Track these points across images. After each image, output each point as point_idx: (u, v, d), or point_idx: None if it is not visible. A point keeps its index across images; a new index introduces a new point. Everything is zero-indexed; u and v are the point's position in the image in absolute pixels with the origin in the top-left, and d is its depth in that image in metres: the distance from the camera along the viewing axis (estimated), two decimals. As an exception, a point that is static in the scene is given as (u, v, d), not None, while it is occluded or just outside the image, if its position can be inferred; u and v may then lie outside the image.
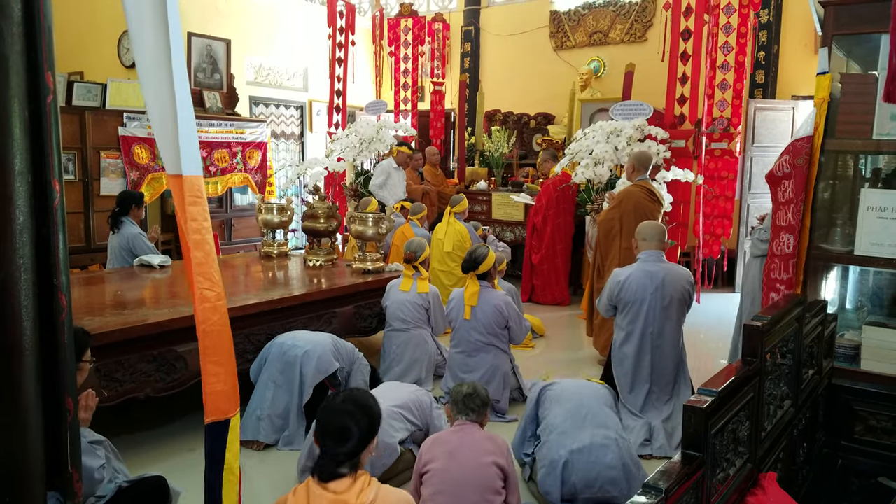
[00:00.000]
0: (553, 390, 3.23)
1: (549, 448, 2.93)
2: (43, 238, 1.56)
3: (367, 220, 4.97)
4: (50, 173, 1.57)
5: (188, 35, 7.60)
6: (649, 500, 1.30)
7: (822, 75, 3.21)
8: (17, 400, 1.40)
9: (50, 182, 1.57)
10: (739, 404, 1.82)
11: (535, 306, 6.75)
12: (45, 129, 1.55)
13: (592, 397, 3.14)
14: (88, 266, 6.25)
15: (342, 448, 1.97)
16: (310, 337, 3.73)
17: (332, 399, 2.14)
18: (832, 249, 3.33)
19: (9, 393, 1.38)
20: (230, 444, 2.02)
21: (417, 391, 3.44)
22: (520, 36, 9.59)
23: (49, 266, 1.58)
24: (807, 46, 7.60)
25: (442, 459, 2.57)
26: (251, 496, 3.08)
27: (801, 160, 3.26)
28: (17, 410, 1.40)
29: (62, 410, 1.66)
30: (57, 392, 1.64)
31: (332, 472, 1.95)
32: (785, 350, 2.37)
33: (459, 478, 2.51)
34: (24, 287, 1.39)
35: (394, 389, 3.41)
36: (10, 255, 1.35)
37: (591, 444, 2.83)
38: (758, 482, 1.91)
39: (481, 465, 2.54)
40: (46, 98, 1.55)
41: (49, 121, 1.56)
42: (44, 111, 1.55)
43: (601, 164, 6.03)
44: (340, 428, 1.99)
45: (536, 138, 9.02)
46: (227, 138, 7.82)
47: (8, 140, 1.35)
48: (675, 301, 3.68)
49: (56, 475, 1.69)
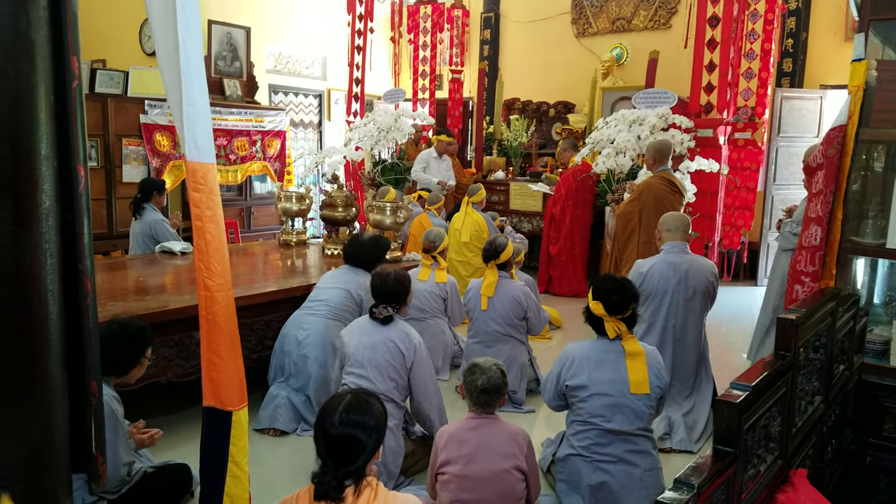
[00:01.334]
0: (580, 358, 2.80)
1: (571, 468, 2.76)
2: (68, 223, 1.56)
3: (385, 209, 4.95)
4: (75, 158, 1.56)
5: (208, 22, 7.61)
6: (681, 496, 1.26)
7: (858, 62, 3.12)
8: (44, 384, 1.40)
9: (75, 167, 1.57)
10: (772, 399, 1.78)
11: (551, 297, 6.71)
12: (71, 114, 1.55)
13: (625, 394, 2.71)
14: (111, 252, 6.29)
15: (348, 466, 1.77)
16: (314, 338, 3.62)
17: (330, 410, 1.85)
18: (863, 242, 3.26)
19: (35, 377, 1.38)
20: (235, 438, 1.97)
21: (391, 351, 3.00)
22: (540, 22, 9.48)
23: (74, 251, 1.58)
24: (836, 34, 7.44)
25: (459, 464, 2.44)
26: (266, 480, 3.09)
27: (832, 150, 3.18)
28: (43, 394, 1.40)
29: (87, 394, 1.67)
30: (82, 376, 1.64)
31: (334, 490, 1.75)
32: (817, 345, 2.31)
33: (477, 486, 2.40)
34: (50, 271, 1.39)
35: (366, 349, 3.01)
36: (36, 240, 1.35)
37: (613, 479, 2.68)
38: (788, 479, 1.87)
39: (501, 473, 2.42)
40: (72, 83, 1.55)
41: (74, 106, 1.55)
42: (69, 96, 1.55)
43: (623, 154, 5.95)
44: (343, 445, 1.79)
45: (556, 127, 8.93)
46: (246, 126, 7.83)
47: (35, 125, 1.35)
48: (699, 294, 3.61)
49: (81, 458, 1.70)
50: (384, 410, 1.93)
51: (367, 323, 3.13)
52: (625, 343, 2.73)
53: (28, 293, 1.35)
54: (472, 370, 2.55)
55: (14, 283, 1.32)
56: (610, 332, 2.73)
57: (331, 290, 3.76)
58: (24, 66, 1.32)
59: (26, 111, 1.33)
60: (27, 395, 1.38)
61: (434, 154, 7.45)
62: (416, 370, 3.01)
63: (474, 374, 2.52)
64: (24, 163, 1.32)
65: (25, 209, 1.32)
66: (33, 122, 1.34)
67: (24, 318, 1.35)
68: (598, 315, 2.74)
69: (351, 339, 3.09)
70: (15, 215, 1.30)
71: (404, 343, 3.01)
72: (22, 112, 1.32)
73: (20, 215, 1.31)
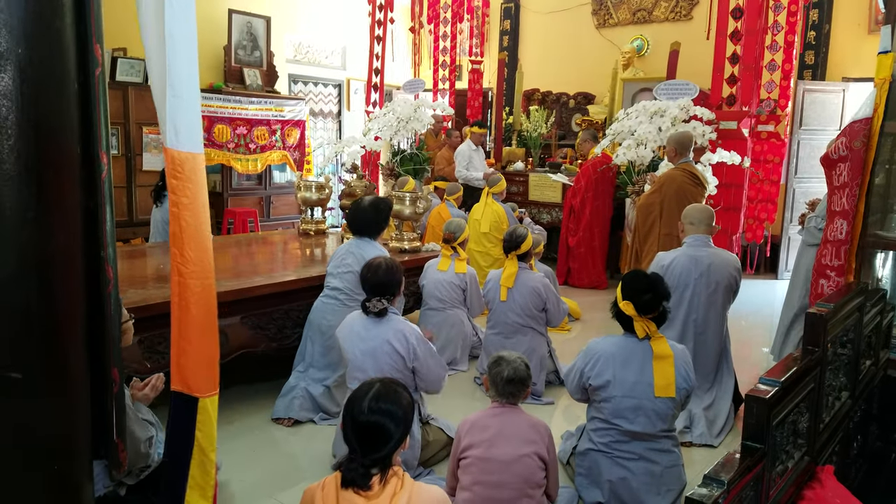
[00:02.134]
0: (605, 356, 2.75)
1: (591, 462, 2.76)
2: (90, 211, 1.56)
3: (404, 200, 4.93)
4: (98, 146, 1.56)
5: (228, 11, 7.62)
6: (710, 492, 1.24)
7: (884, 54, 3.07)
8: (66, 370, 1.41)
9: (98, 155, 1.57)
10: (801, 395, 1.74)
11: (570, 289, 6.67)
12: (94, 101, 1.54)
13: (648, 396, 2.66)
14: (131, 240, 6.35)
15: (375, 454, 1.79)
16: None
17: (359, 396, 1.89)
18: (888, 236, 3.20)
19: (58, 363, 1.39)
20: (201, 424, 1.97)
21: (391, 355, 2.94)
22: (561, 13, 9.40)
23: (96, 238, 1.58)
24: (860, 26, 7.29)
25: (482, 448, 2.46)
26: (282, 468, 3.11)
27: (858, 143, 3.12)
28: (65, 380, 1.41)
29: (108, 381, 1.67)
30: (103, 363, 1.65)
31: (361, 477, 1.77)
32: (845, 340, 2.27)
33: (499, 469, 2.42)
34: (73, 259, 1.39)
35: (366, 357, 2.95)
36: (59, 227, 1.35)
37: (633, 475, 2.67)
38: (815, 475, 1.84)
39: (522, 457, 2.43)
40: (95, 70, 1.54)
41: (97, 93, 1.55)
42: (92, 84, 1.54)
43: (643, 146, 5.89)
44: (372, 432, 1.81)
45: (576, 118, 8.86)
46: (266, 116, 7.85)
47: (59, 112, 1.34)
48: (721, 288, 3.56)
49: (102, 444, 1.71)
50: (412, 401, 1.95)
51: (361, 322, 3.00)
52: (653, 343, 2.67)
53: (50, 280, 1.36)
54: (497, 362, 2.57)
55: (37, 270, 1.32)
56: (640, 332, 2.67)
57: (343, 275, 3.70)
58: (48, 54, 1.32)
59: (50, 98, 1.33)
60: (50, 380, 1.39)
61: (473, 146, 7.56)
62: (419, 370, 2.95)
63: (500, 365, 2.54)
64: (48, 149, 1.33)
65: (49, 196, 1.32)
66: (57, 109, 1.34)
67: (46, 304, 1.36)
68: (628, 314, 2.69)
69: (348, 346, 3.00)
70: (38, 201, 1.30)
71: (401, 344, 2.91)
72: (46, 99, 1.32)
73: (43, 202, 1.31)
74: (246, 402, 3.75)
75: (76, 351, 1.42)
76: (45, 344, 1.36)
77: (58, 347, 1.38)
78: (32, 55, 1.28)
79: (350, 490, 1.76)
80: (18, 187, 1.27)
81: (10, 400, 1.31)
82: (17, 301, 1.30)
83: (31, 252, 1.31)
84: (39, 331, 1.35)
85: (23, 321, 1.32)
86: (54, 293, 1.36)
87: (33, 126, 1.29)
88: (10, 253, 1.28)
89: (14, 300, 1.30)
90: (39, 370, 1.35)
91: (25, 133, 1.27)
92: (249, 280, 3.69)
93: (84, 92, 1.49)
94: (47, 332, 1.36)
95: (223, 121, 7.39)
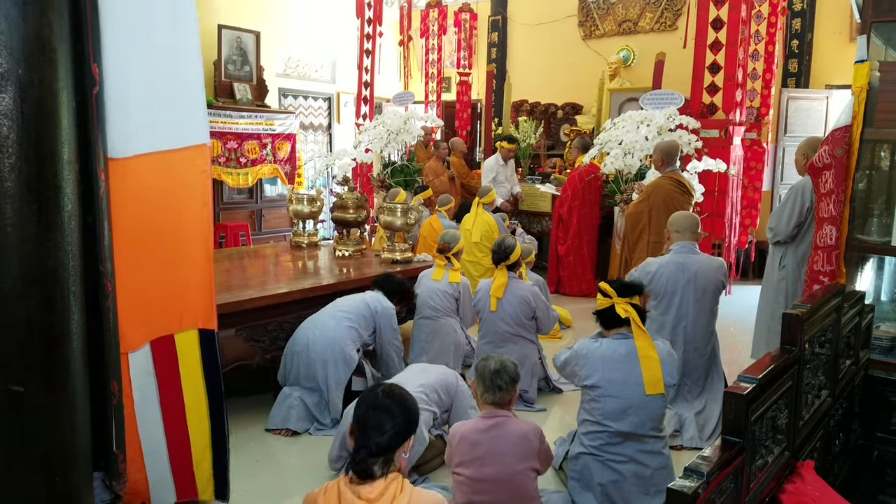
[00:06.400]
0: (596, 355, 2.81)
1: (583, 466, 2.80)
2: (89, 226, 1.60)
3: (395, 211, 4.99)
4: (96, 163, 1.61)
5: (218, 27, 7.68)
6: (691, 483, 1.30)
7: (861, 63, 3.15)
8: (66, 383, 1.44)
9: (96, 172, 1.61)
10: (778, 392, 1.80)
11: (561, 297, 6.73)
12: (91, 120, 1.59)
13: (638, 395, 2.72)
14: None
15: (379, 438, 1.87)
16: (325, 341, 3.64)
17: (370, 393, 2.03)
18: (869, 240, 3.28)
19: (58, 376, 1.43)
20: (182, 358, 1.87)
21: (445, 373, 3.39)
22: (548, 25, 9.52)
23: (95, 253, 1.63)
24: (841, 35, 7.44)
25: (472, 468, 2.46)
26: (278, 479, 3.14)
27: (839, 150, 3.21)
28: (66, 393, 1.44)
29: (108, 393, 1.71)
30: (103, 376, 1.68)
31: (365, 466, 1.83)
32: (823, 340, 2.34)
33: (491, 489, 2.43)
34: (72, 273, 1.43)
35: (420, 372, 3.37)
36: (58, 242, 1.39)
37: (623, 478, 2.72)
38: (795, 470, 1.89)
39: (515, 475, 2.46)
40: (92, 90, 1.59)
41: (95, 112, 1.60)
42: (90, 102, 1.59)
43: (631, 154, 5.97)
44: (378, 421, 1.92)
45: (564, 128, 8.96)
46: (256, 130, 7.90)
47: (57, 130, 1.39)
48: (709, 294, 3.63)
49: (102, 456, 1.75)
50: (417, 409, 2.05)
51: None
52: (637, 341, 2.75)
53: (51, 294, 1.39)
54: (485, 359, 2.64)
55: (38, 284, 1.36)
56: (620, 312, 2.76)
57: (349, 300, 3.88)
58: (47, 74, 1.35)
59: (49, 117, 1.37)
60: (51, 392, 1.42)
61: (501, 161, 7.55)
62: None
63: (487, 360, 2.61)
64: (48, 167, 1.36)
65: (49, 213, 1.36)
66: (56, 127, 1.38)
67: (47, 317, 1.39)
68: (608, 295, 2.79)
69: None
70: (39, 219, 1.34)
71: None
72: (45, 118, 1.35)
73: (44, 219, 1.35)
74: (242, 414, 3.78)
75: (76, 363, 1.45)
76: (45, 356, 1.40)
77: (58, 360, 1.42)
78: (32, 75, 1.32)
79: (351, 490, 1.81)
80: (19, 205, 1.31)
81: (12, 412, 1.34)
82: (19, 315, 1.34)
83: (31, 267, 1.34)
84: (40, 344, 1.39)
85: (24, 334, 1.35)
86: (55, 307, 1.40)
87: (33, 145, 1.33)
88: (11, 268, 1.32)
89: (15, 314, 1.33)
90: (40, 383, 1.39)
91: (26, 152, 1.31)
92: (242, 293, 3.73)
93: (82, 110, 1.54)
94: (48, 346, 1.40)
95: (214, 135, 7.42)
